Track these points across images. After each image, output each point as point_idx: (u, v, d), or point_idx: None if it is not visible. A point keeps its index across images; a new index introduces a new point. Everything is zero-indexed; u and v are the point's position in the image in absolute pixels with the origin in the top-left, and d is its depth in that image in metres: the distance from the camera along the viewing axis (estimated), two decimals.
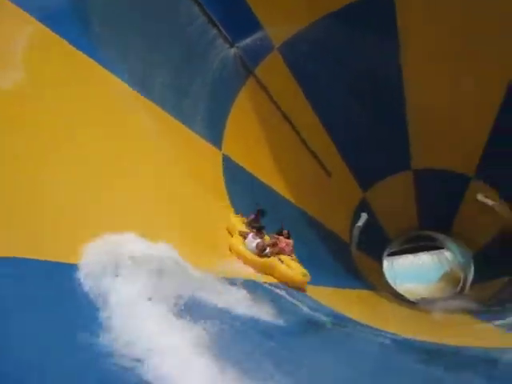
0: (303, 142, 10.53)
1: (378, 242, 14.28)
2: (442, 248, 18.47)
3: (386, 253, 15.63)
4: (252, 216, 7.18)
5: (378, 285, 12.39)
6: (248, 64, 9.05)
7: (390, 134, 11.23)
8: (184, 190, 6.24)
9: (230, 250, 6.27)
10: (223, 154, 8.24)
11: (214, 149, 8.05)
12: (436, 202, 12.71)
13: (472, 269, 14.88)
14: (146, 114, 6.35)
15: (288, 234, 7.22)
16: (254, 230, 6.57)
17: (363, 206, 12.33)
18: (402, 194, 12.63)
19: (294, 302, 5.40)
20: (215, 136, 8.19)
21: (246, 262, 6.02)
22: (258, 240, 6.34)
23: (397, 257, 18.44)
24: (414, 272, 19.30)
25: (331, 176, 11.31)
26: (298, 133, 10.35)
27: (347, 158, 11.49)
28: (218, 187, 7.71)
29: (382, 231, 13.65)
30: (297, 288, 6.04)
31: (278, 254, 6.39)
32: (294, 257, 6.72)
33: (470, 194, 12.18)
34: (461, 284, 16.62)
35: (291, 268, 6.17)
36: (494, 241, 12.84)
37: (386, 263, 15.94)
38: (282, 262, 6.21)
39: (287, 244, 6.78)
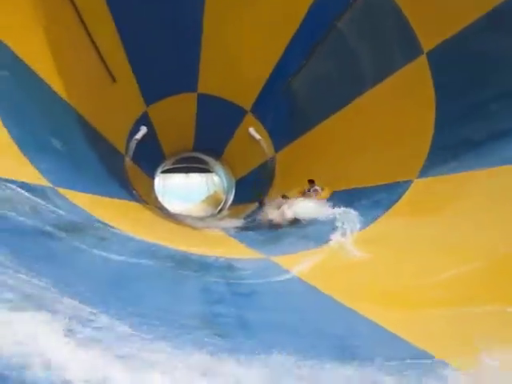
0: (91, 39, 9.49)
1: (154, 158, 14.49)
2: (211, 171, 19.98)
3: (159, 169, 16.04)
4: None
5: (148, 199, 12.75)
6: None
7: (183, 55, 11.10)
8: None
9: None
10: None
11: None
12: (213, 129, 13.49)
13: (233, 193, 16.73)
14: None
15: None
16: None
17: (144, 120, 12.16)
18: (184, 115, 12.90)
19: (50, 206, 5.16)
20: None
21: None
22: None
23: (169, 175, 19.12)
24: (182, 191, 20.47)
25: (116, 82, 10.67)
26: (86, 28, 9.25)
27: (136, 67, 10.90)
28: None
29: (158, 148, 13.85)
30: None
31: None
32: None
33: (243, 126, 13.34)
34: (221, 205, 18.56)
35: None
36: (254, 171, 14.61)
37: (157, 179, 16.41)
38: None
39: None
